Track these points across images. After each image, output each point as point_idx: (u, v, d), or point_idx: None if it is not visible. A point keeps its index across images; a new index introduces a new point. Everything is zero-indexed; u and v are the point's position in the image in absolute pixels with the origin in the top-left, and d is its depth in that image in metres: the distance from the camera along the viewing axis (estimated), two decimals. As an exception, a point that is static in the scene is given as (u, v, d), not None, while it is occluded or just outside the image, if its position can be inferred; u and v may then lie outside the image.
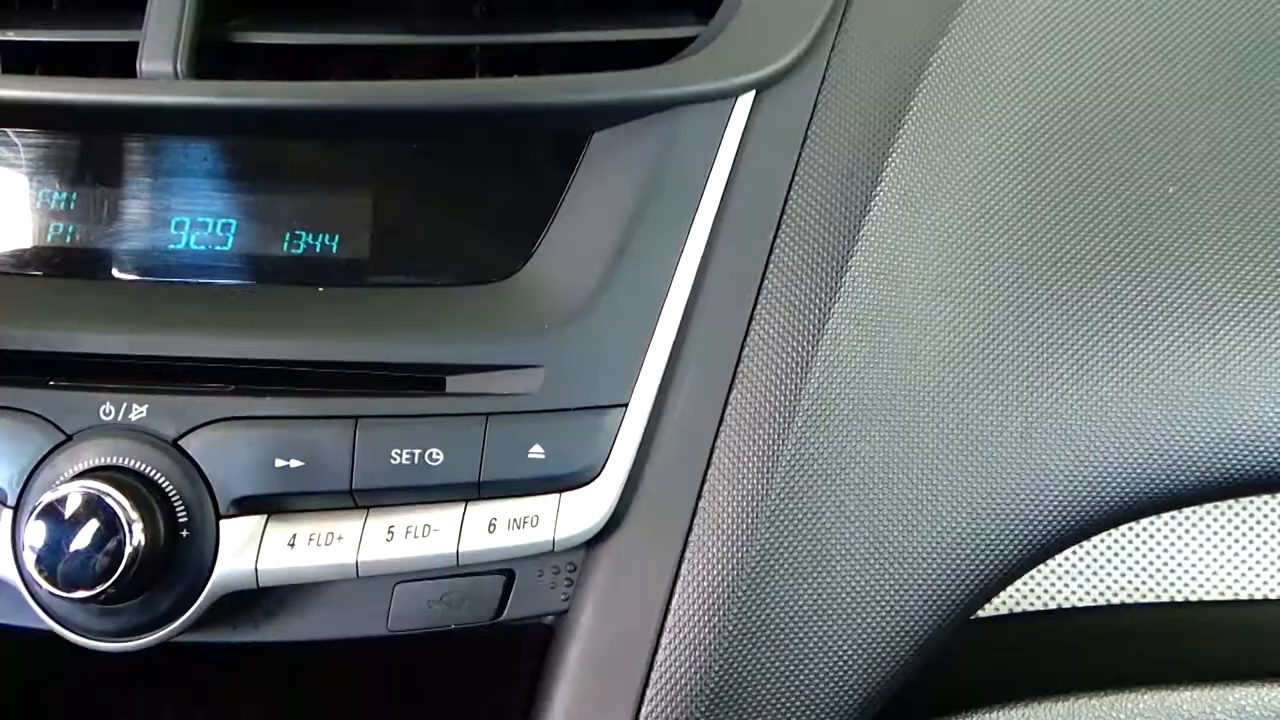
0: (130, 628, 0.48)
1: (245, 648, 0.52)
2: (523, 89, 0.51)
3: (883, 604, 0.50)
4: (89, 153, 0.53)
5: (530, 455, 0.49)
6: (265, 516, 0.49)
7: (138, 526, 0.46)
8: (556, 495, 0.49)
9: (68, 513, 0.46)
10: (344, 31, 0.54)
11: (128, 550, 0.46)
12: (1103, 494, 0.50)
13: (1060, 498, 0.50)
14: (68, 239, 0.54)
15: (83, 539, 0.45)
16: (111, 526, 0.46)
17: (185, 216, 0.53)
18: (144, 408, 0.49)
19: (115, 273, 0.53)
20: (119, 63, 0.54)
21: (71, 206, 0.53)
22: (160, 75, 0.50)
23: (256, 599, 0.52)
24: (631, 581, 0.49)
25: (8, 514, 0.49)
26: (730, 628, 0.49)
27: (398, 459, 0.48)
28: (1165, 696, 0.59)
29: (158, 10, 0.51)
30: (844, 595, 0.49)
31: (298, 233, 0.53)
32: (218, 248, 0.53)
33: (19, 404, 0.49)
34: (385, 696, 0.68)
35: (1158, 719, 0.59)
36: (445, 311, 0.51)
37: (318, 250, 0.53)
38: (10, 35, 0.54)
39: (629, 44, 0.54)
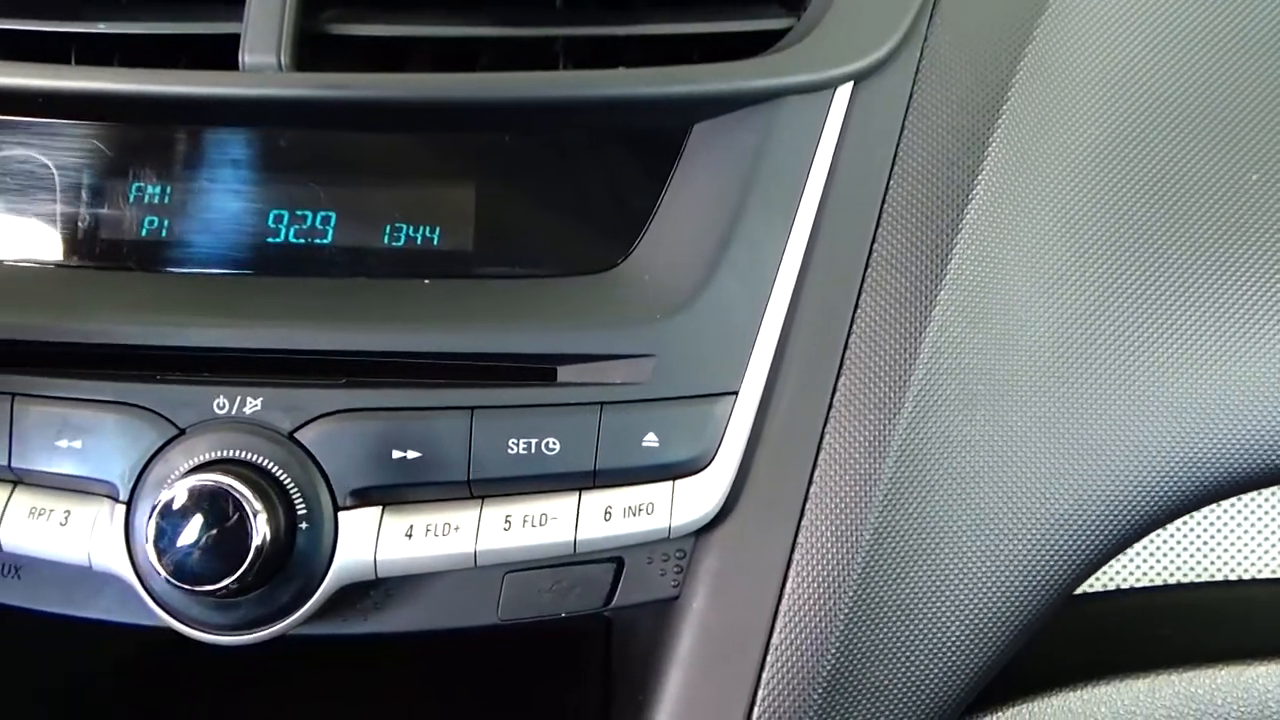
0: (248, 621, 0.48)
1: (352, 640, 0.53)
2: (630, 80, 0.51)
3: (990, 585, 0.51)
4: (184, 146, 0.53)
5: (644, 443, 0.49)
6: (381, 508, 0.49)
7: (262, 519, 0.46)
8: (669, 483, 0.50)
9: (192, 506, 0.45)
10: (432, 24, 0.54)
11: (254, 543, 0.46)
12: (1201, 472, 0.51)
13: (1161, 477, 0.52)
14: (163, 233, 0.53)
15: (209, 532, 0.45)
16: (237, 519, 0.45)
17: (284, 210, 0.53)
18: (258, 401, 0.48)
19: (213, 267, 0.53)
20: (197, 55, 0.54)
21: (168, 200, 0.53)
22: (265, 67, 0.50)
23: (364, 591, 0.52)
24: (745, 567, 0.50)
25: (120, 509, 0.48)
26: (844, 612, 0.49)
27: (514, 449, 0.49)
28: (1242, 671, 0.60)
29: (258, 3, 0.51)
30: (953, 578, 0.50)
31: (398, 225, 0.53)
32: (317, 241, 0.53)
33: (129, 399, 0.49)
34: (455, 691, 0.68)
35: (1235, 692, 0.60)
36: (554, 302, 0.51)
37: (418, 243, 0.53)
38: (100, 28, 0.53)
39: (708, 37, 0.55)
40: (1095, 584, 0.72)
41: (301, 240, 0.53)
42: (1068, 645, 0.67)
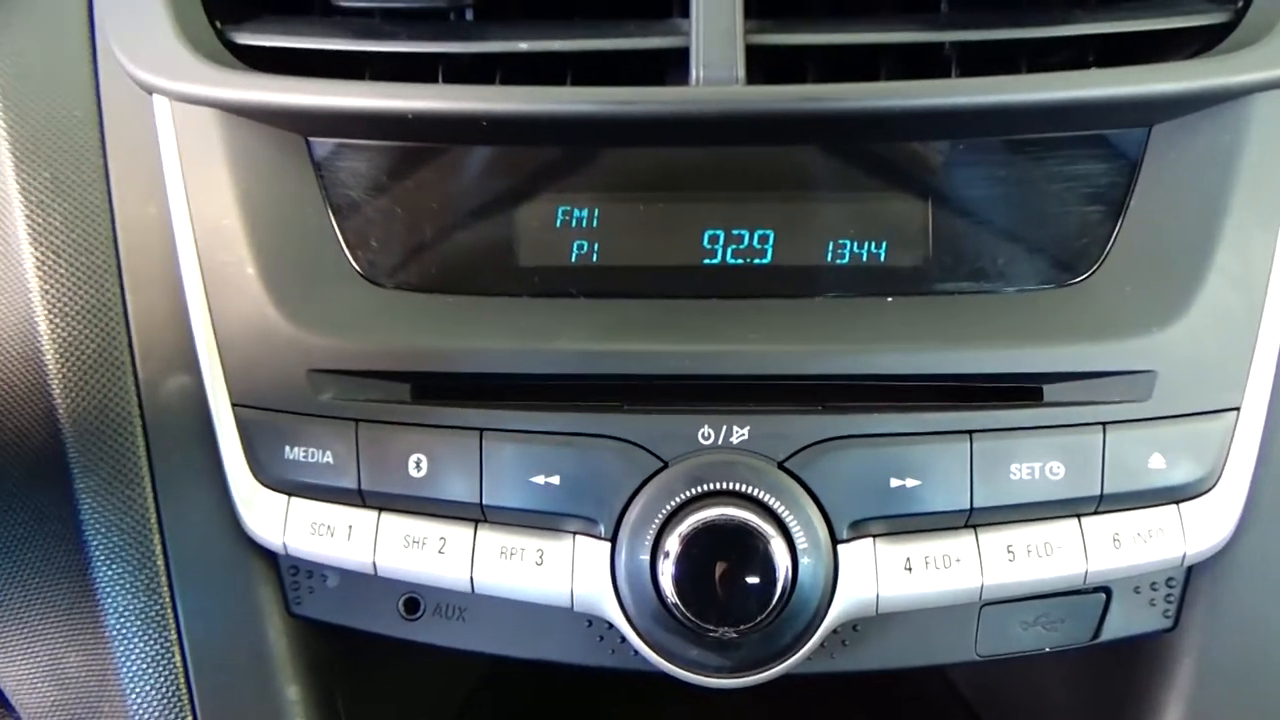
0: (748, 662, 0.45)
1: (815, 679, 0.50)
2: (1099, 81, 0.48)
3: None
4: (619, 168, 0.51)
5: (1150, 465, 0.46)
6: (873, 539, 0.47)
7: (781, 553, 0.43)
8: (1174, 506, 0.47)
9: (716, 544, 0.43)
10: (861, 31, 0.52)
11: (781, 579, 0.43)
12: None
13: None
14: (595, 258, 0.51)
15: (737, 571, 0.43)
16: (762, 556, 0.43)
17: (719, 229, 0.51)
18: (745, 430, 0.46)
19: (649, 291, 0.50)
20: (579, 73, 0.52)
21: (598, 224, 0.51)
22: (724, 82, 0.48)
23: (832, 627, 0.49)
24: (1262, 597, 0.47)
25: (603, 547, 0.46)
26: (1376, 639, 0.46)
27: (1017, 474, 0.46)
28: None
29: (706, 16, 0.49)
30: None
31: (842, 241, 0.51)
32: (756, 261, 0.51)
33: (609, 431, 0.46)
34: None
35: None
36: (1031, 318, 0.48)
37: (864, 260, 0.50)
38: (523, 46, 0.51)
39: (1098, 39, 0.52)
40: None
41: (739, 260, 0.51)
42: None
